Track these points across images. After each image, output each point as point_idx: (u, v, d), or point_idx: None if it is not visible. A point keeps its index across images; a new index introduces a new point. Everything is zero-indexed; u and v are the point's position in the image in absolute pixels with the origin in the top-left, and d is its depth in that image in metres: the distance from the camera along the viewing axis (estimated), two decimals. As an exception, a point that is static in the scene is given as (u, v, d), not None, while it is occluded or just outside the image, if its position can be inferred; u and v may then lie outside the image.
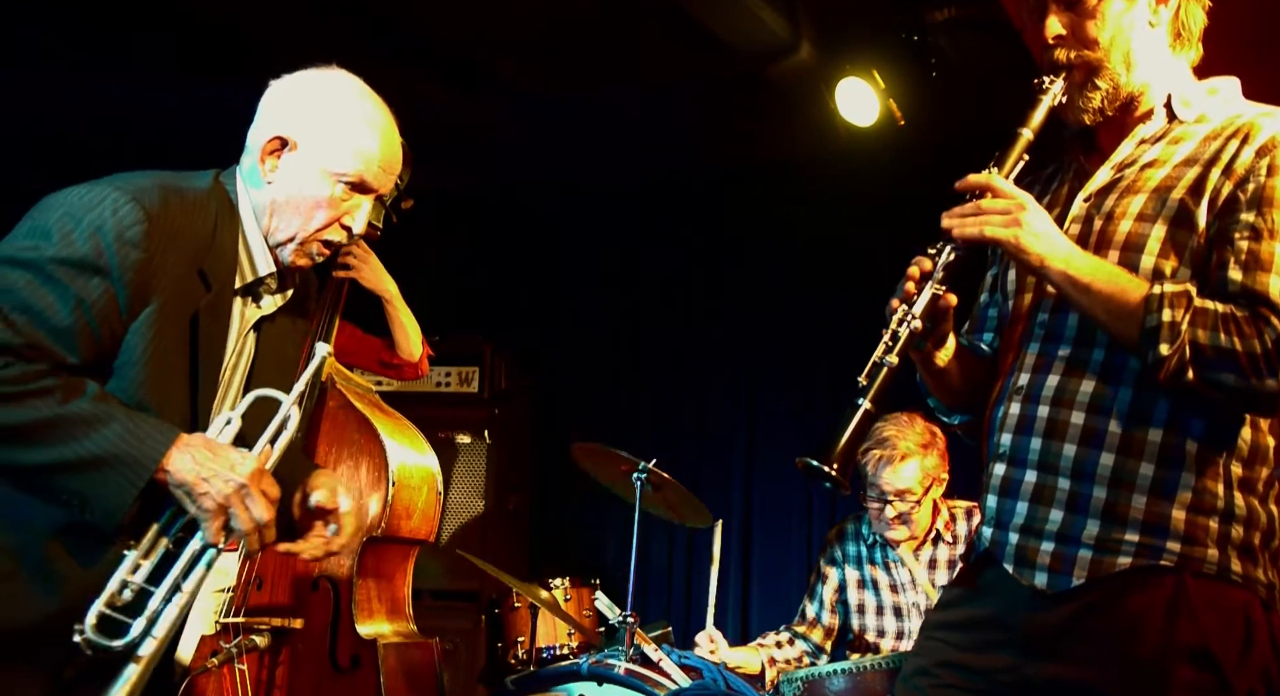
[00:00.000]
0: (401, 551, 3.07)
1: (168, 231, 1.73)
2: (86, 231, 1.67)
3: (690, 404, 4.91)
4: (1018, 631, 1.71)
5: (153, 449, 1.65)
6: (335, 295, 3.08)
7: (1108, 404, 1.69)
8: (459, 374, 4.61)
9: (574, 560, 4.75)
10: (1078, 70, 1.77)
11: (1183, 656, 1.58)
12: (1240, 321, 1.59)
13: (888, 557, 3.17)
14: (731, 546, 4.69)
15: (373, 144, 1.88)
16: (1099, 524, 1.66)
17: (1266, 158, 1.66)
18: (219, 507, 1.68)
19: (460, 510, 4.55)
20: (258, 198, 1.87)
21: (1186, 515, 1.64)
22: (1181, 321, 1.60)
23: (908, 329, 1.72)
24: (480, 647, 4.23)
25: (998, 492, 1.77)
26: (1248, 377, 1.58)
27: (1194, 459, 1.65)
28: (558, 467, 4.28)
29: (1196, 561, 1.63)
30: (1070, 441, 1.70)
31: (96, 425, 1.63)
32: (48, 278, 1.65)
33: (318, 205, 1.86)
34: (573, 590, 3.27)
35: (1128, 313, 1.63)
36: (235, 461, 1.70)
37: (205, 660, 2.82)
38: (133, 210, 1.69)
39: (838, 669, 2.32)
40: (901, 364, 1.72)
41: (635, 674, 2.49)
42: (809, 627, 3.23)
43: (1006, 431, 1.78)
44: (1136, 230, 1.71)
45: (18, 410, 1.61)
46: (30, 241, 1.67)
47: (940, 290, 1.74)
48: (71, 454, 1.62)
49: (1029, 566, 1.70)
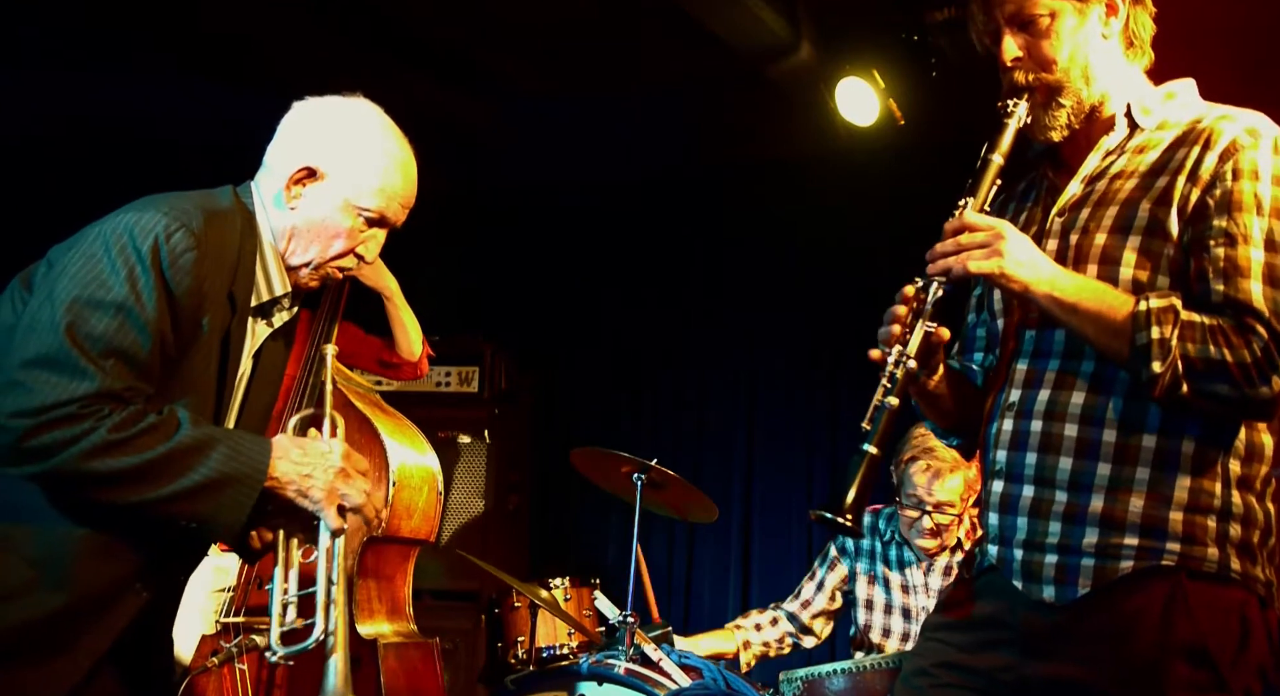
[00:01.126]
0: (402, 551, 3.07)
1: (212, 256, 1.79)
2: (148, 263, 1.71)
3: (690, 403, 4.92)
4: (1017, 631, 1.72)
5: (259, 462, 1.76)
6: (336, 295, 3.07)
7: (1100, 414, 1.70)
8: (459, 374, 4.62)
9: (574, 560, 4.75)
10: (1039, 91, 1.79)
11: (1179, 654, 1.59)
12: (1228, 332, 1.61)
13: (903, 558, 3.15)
14: (731, 544, 4.70)
15: (396, 182, 1.94)
16: (1098, 531, 1.67)
17: (1230, 162, 1.67)
18: (329, 494, 1.82)
19: (460, 510, 4.55)
20: (278, 220, 1.92)
21: (1184, 515, 1.65)
22: (1171, 337, 1.61)
23: (904, 369, 1.74)
24: (480, 647, 4.23)
25: (998, 509, 1.79)
26: (1241, 387, 1.60)
27: (1190, 460, 1.67)
28: (558, 468, 4.27)
29: (1196, 560, 1.63)
30: (1065, 454, 1.71)
31: (205, 451, 1.71)
32: (126, 317, 1.69)
33: (338, 235, 1.92)
34: (573, 590, 3.27)
35: (1116, 329, 1.64)
36: (324, 450, 1.84)
37: (206, 659, 2.82)
38: (184, 237, 1.74)
39: (838, 668, 2.32)
40: (903, 404, 1.75)
41: (635, 673, 2.49)
42: (802, 608, 3.23)
43: (1001, 448, 1.79)
44: (1111, 243, 1.72)
45: (134, 455, 1.66)
46: (95, 280, 1.69)
47: (932, 327, 1.77)
48: (190, 483, 1.70)
49: (1036, 581, 1.71)
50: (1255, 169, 1.66)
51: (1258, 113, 1.73)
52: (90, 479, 1.65)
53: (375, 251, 1.98)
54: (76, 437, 1.62)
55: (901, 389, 1.74)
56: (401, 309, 3.21)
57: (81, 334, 1.65)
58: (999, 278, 1.70)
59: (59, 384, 1.62)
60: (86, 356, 1.64)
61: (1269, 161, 1.67)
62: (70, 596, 1.71)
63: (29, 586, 1.69)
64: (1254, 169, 1.66)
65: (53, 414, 1.61)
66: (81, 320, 1.66)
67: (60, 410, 1.61)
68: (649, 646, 2.60)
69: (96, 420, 1.63)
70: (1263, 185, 1.65)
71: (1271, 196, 1.65)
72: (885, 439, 1.72)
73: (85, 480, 1.65)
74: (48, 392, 1.61)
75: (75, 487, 1.68)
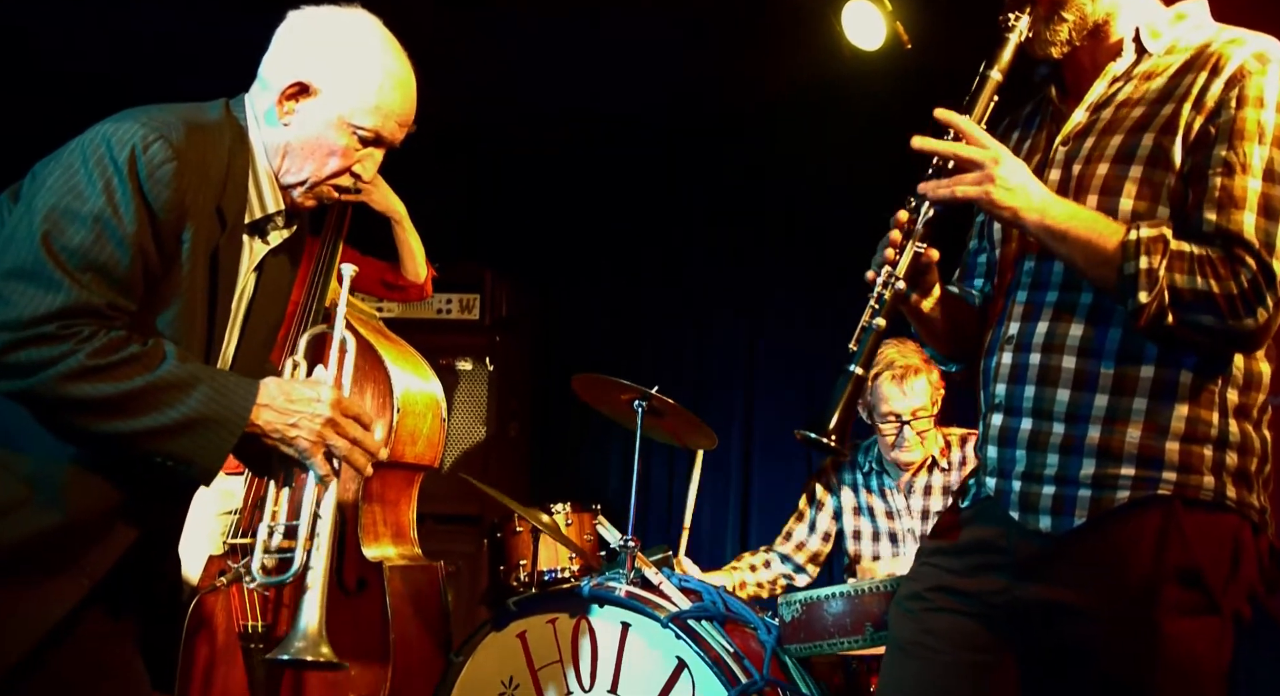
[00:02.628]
0: (406, 476, 3.10)
1: (194, 168, 1.73)
2: (125, 174, 1.65)
3: (691, 332, 4.92)
4: (1011, 555, 1.74)
5: (241, 407, 1.71)
6: (339, 218, 3.06)
7: (1098, 346, 1.70)
8: (460, 301, 4.61)
9: (575, 486, 4.80)
10: (1041, 3, 1.75)
11: (1172, 577, 1.62)
12: (1216, 262, 1.60)
13: (884, 485, 3.20)
14: (731, 474, 4.74)
15: (393, 100, 1.87)
16: (1094, 462, 1.68)
17: (1236, 88, 1.64)
18: (315, 444, 1.78)
19: (462, 436, 4.58)
20: (270, 137, 1.86)
21: (1181, 445, 1.66)
22: (1159, 267, 1.60)
23: (892, 290, 1.74)
24: (483, 570, 4.30)
25: (997, 443, 1.80)
26: (1226, 318, 1.59)
27: (1187, 390, 1.67)
28: (559, 394, 4.30)
29: (1192, 489, 1.65)
30: (1063, 386, 1.72)
31: (186, 389, 1.67)
32: (103, 228, 1.63)
33: (332, 153, 1.86)
34: (574, 515, 3.31)
35: (1105, 259, 1.63)
36: (313, 397, 1.78)
37: (213, 579, 2.87)
38: (162, 148, 1.68)
39: (836, 592, 2.36)
40: (890, 324, 1.75)
41: (636, 596, 2.53)
42: (795, 549, 3.28)
43: (1000, 381, 1.80)
44: (1113, 173, 1.70)
45: (113, 383, 1.62)
46: (72, 192, 1.64)
47: (921, 248, 1.76)
48: (167, 419, 1.66)
49: (1034, 512, 1.72)
50: (1261, 96, 1.63)
51: (1268, 37, 1.70)
52: (66, 403, 1.62)
53: (373, 171, 1.92)
54: (54, 359, 1.59)
55: (890, 310, 1.74)
56: (409, 232, 3.20)
57: (58, 246, 1.60)
58: (987, 203, 1.69)
59: (35, 296, 1.58)
60: (62, 268, 1.60)
61: (1276, 89, 1.64)
62: (66, 515, 1.70)
63: (22, 503, 1.68)
64: (1259, 96, 1.63)
65: (30, 330, 1.58)
66: (57, 231, 1.61)
67: (39, 327, 1.58)
68: (649, 569, 2.64)
69: (77, 343, 1.60)
70: (1267, 113, 1.63)
71: (1275, 125, 1.62)
72: (871, 360, 1.74)
73: (61, 403, 1.63)
74: (24, 306, 1.58)
75: (51, 410, 1.65)
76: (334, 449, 1.80)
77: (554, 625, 2.62)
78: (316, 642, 1.81)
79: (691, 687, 2.39)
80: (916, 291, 1.86)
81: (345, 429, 1.81)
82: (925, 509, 3.14)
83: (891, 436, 3.09)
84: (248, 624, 2.88)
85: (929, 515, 3.13)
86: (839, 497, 3.27)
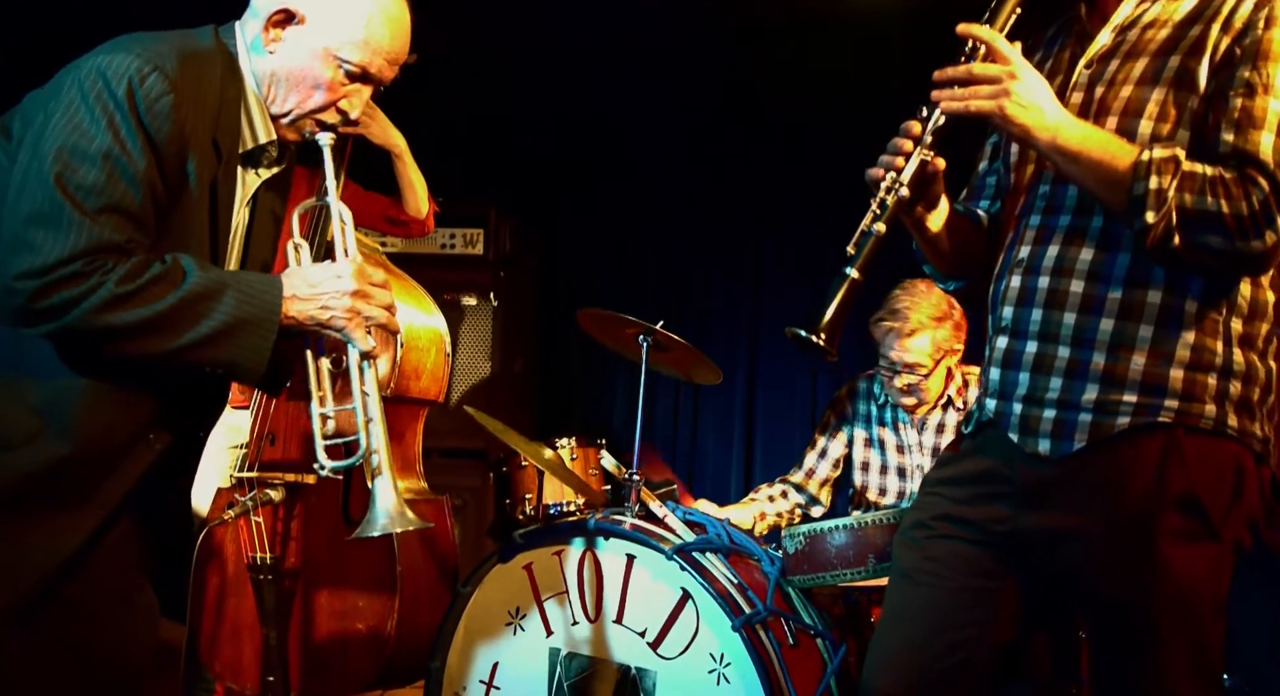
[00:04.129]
0: (411, 411, 3.12)
1: (190, 99, 1.71)
2: (126, 109, 1.64)
3: (697, 265, 4.90)
4: (1013, 484, 1.75)
5: (272, 303, 1.74)
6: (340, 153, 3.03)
7: (1106, 270, 1.69)
8: (464, 236, 4.59)
9: (580, 420, 4.83)
10: None
11: (1171, 504, 1.63)
12: (1228, 183, 1.57)
13: (897, 419, 3.20)
14: (735, 408, 4.75)
15: (382, 34, 1.83)
16: (1098, 387, 1.68)
17: (1265, 9, 1.62)
18: (351, 318, 1.79)
19: (467, 372, 4.59)
20: (259, 65, 1.83)
21: (1185, 373, 1.66)
22: (1168, 188, 1.58)
23: (895, 196, 1.72)
24: (489, 504, 4.34)
25: (1000, 365, 1.80)
26: (1233, 240, 1.57)
27: (1193, 318, 1.66)
28: (563, 329, 4.30)
29: (1194, 416, 1.65)
30: (1070, 310, 1.71)
31: (216, 297, 1.69)
32: (114, 166, 1.63)
33: (316, 86, 1.82)
34: (579, 449, 3.32)
35: (1116, 179, 1.61)
36: (334, 274, 1.80)
37: (222, 512, 2.90)
38: (158, 80, 1.67)
39: (839, 524, 2.38)
40: (891, 232, 1.72)
41: (640, 529, 2.55)
42: (806, 477, 3.29)
43: (1008, 304, 1.79)
44: (1136, 95, 1.68)
45: (145, 306, 1.64)
46: (76, 130, 1.63)
47: (928, 155, 1.73)
48: (206, 330, 1.68)
49: (1033, 435, 1.73)
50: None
51: None
52: (105, 334, 1.64)
53: (359, 108, 1.89)
54: (85, 294, 1.60)
55: (891, 216, 1.72)
56: (410, 167, 3.17)
57: (72, 186, 1.61)
58: (1000, 118, 1.66)
59: (58, 239, 1.59)
60: (80, 209, 1.61)
61: None
62: (76, 445, 1.71)
63: (33, 435, 1.69)
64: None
65: (58, 272, 1.59)
66: (69, 172, 1.61)
67: (65, 268, 1.59)
68: (654, 502, 2.66)
69: (102, 275, 1.61)
70: None
71: None
72: (868, 265, 1.71)
73: (101, 335, 1.64)
74: (50, 250, 1.59)
75: (93, 343, 1.67)
76: (370, 317, 1.82)
77: (560, 557, 2.65)
78: (402, 514, 1.86)
79: (696, 617, 2.43)
80: (921, 203, 1.84)
81: (374, 296, 1.83)
82: (936, 446, 3.14)
83: (886, 377, 3.11)
84: (256, 555, 2.92)
85: (940, 453, 3.13)
86: (852, 427, 3.27)
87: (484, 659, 2.70)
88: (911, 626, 1.80)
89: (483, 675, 2.69)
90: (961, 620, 1.77)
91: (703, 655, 2.40)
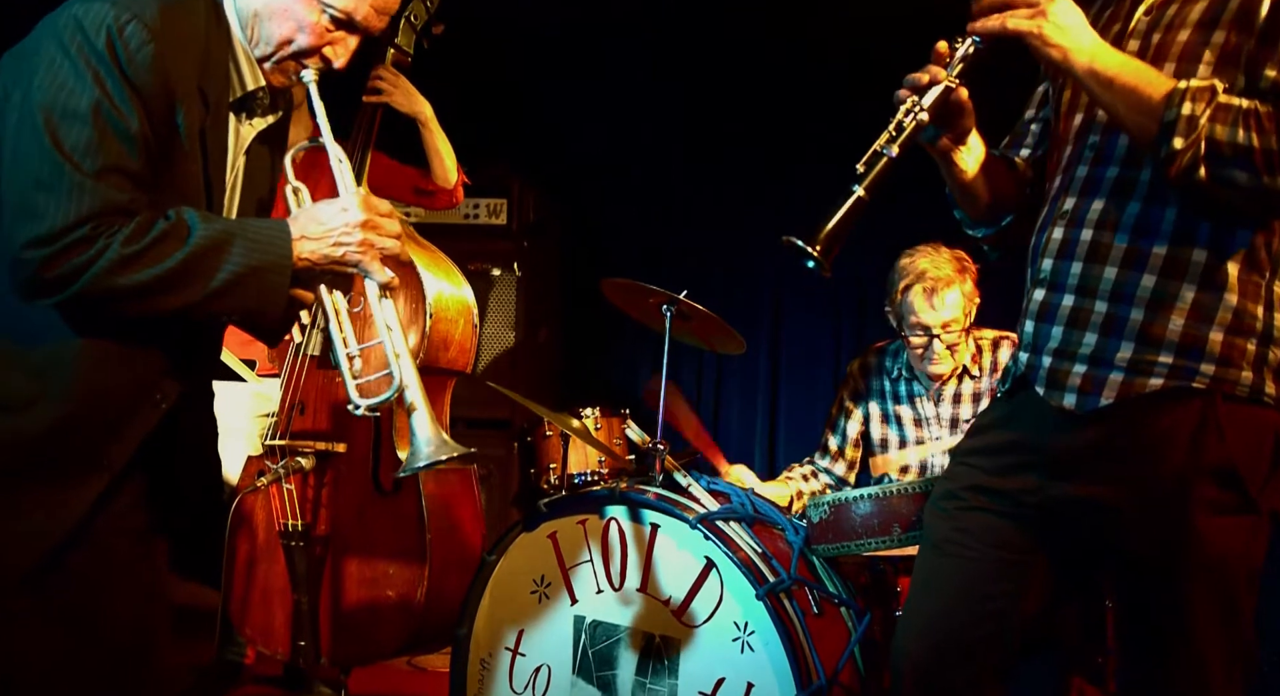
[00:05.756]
0: (439, 381, 3.14)
1: (173, 48, 1.67)
2: (108, 62, 1.60)
3: (721, 236, 4.89)
4: (1045, 453, 1.73)
5: (282, 247, 1.72)
6: (369, 123, 3.03)
7: (1152, 225, 1.66)
8: (488, 206, 4.60)
9: (604, 390, 4.84)
10: None
11: (1206, 474, 1.61)
12: (1263, 117, 1.54)
13: (913, 392, 3.18)
14: (759, 380, 4.76)
15: None
16: (1133, 346, 1.65)
17: None
18: (365, 250, 1.77)
19: (492, 342, 4.62)
20: (242, 5, 1.78)
21: (1225, 336, 1.62)
22: (1201, 115, 1.54)
23: (914, 120, 1.69)
24: (514, 473, 4.37)
25: (1035, 318, 1.77)
26: (1260, 175, 1.53)
27: (1236, 280, 1.63)
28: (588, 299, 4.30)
29: (1230, 383, 1.62)
30: (1111, 264, 1.68)
31: (224, 249, 1.67)
32: (106, 124, 1.60)
33: (299, 28, 1.78)
34: (603, 419, 3.34)
35: (1149, 107, 1.58)
36: (340, 208, 1.77)
37: (253, 479, 2.94)
38: (138, 29, 1.62)
39: (864, 493, 2.38)
40: (904, 156, 1.68)
41: (665, 498, 2.56)
42: (832, 460, 3.28)
43: (1048, 256, 1.76)
44: (1194, 39, 1.64)
45: (155, 265, 1.62)
46: (62, 89, 1.60)
47: (954, 83, 1.70)
48: (218, 283, 1.66)
49: (1059, 388, 1.71)
50: None
51: None
52: (118, 295, 1.62)
53: (345, 58, 1.84)
54: (93, 259, 1.58)
55: (908, 139, 1.69)
56: (437, 135, 3.16)
57: (68, 147, 1.58)
58: (1036, 38, 1.64)
59: (62, 205, 1.56)
60: (80, 171, 1.58)
61: None
62: (77, 407, 1.69)
63: (33, 399, 1.67)
64: None
65: (66, 239, 1.57)
66: (64, 133, 1.58)
67: (72, 233, 1.57)
68: (678, 472, 2.68)
69: (108, 237, 1.59)
70: None
71: None
72: (876, 185, 1.69)
73: (114, 298, 1.62)
74: (54, 216, 1.56)
75: (108, 306, 1.64)
76: (384, 248, 1.79)
77: (584, 526, 2.67)
78: (443, 443, 1.83)
79: (720, 586, 2.44)
80: (949, 135, 1.81)
81: (383, 226, 1.80)
82: (954, 417, 3.12)
83: (920, 348, 3.04)
84: (287, 522, 2.96)
85: (958, 423, 3.11)
86: (866, 405, 3.25)
87: (510, 626, 2.73)
88: (941, 596, 1.81)
89: (508, 642, 2.72)
90: (991, 591, 1.78)
91: (727, 623, 2.42)
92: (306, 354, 3.06)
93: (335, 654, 2.98)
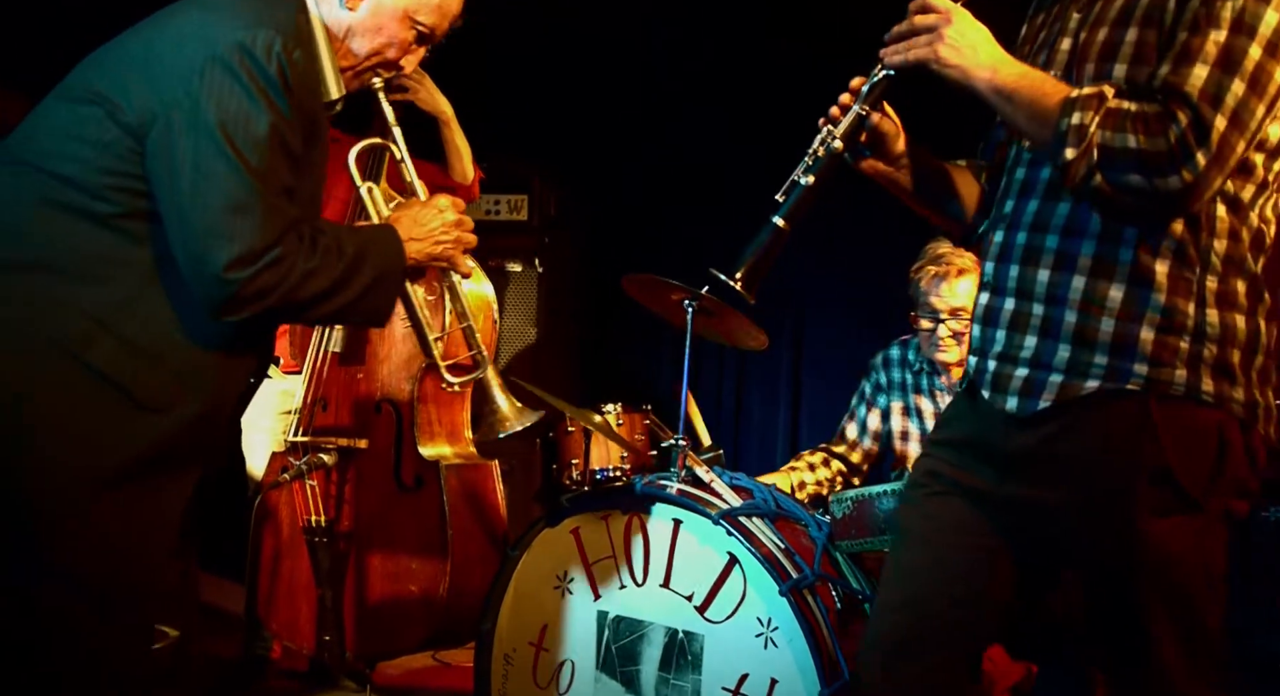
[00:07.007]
0: (459, 377, 3.14)
1: (313, 67, 1.80)
2: (279, 88, 1.68)
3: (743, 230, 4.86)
4: (996, 454, 1.73)
5: (397, 254, 1.89)
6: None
7: (1080, 226, 1.65)
8: (508, 202, 4.60)
9: (626, 387, 4.84)
10: None
11: (1145, 477, 1.59)
12: (1149, 118, 1.52)
13: (934, 386, 3.17)
14: (781, 374, 4.74)
15: None
16: (1070, 348, 1.65)
17: None
18: (456, 247, 1.99)
19: (513, 338, 4.62)
20: (334, 20, 1.88)
21: (1156, 335, 1.61)
22: (1090, 123, 1.54)
23: (827, 150, 1.74)
24: (536, 468, 4.37)
25: (981, 321, 1.78)
26: (1151, 177, 1.52)
27: (1166, 278, 1.61)
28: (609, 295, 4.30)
29: (1164, 383, 1.60)
30: (1044, 267, 1.68)
31: (363, 259, 1.82)
32: (280, 147, 1.70)
33: (390, 44, 1.91)
34: (625, 415, 3.34)
35: (1046, 118, 1.59)
36: (437, 209, 1.97)
37: (277, 475, 2.96)
38: (300, 56, 1.72)
39: (887, 489, 2.37)
40: (822, 185, 1.77)
41: (687, 494, 2.56)
42: (849, 448, 3.28)
43: (990, 260, 1.77)
44: (1110, 37, 1.63)
45: (325, 277, 1.75)
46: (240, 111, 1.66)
47: (865, 111, 1.75)
48: (360, 288, 1.81)
49: (1002, 392, 1.71)
50: None
51: None
52: (297, 307, 1.75)
53: (414, 65, 1.99)
54: (284, 276, 1.68)
55: (825, 169, 1.76)
56: (456, 133, 3.18)
57: (255, 171, 1.66)
58: (934, 63, 1.66)
59: (259, 228, 1.65)
60: (271, 194, 1.67)
61: None
62: (205, 406, 1.79)
63: (173, 401, 1.75)
64: None
65: (264, 259, 1.66)
66: (250, 158, 1.65)
67: (269, 254, 1.66)
68: (700, 468, 2.67)
69: (293, 255, 1.69)
70: None
71: None
72: (795, 215, 1.78)
73: (293, 309, 1.76)
74: (251, 239, 1.65)
75: (276, 317, 1.78)
76: (468, 243, 1.99)
77: (606, 522, 2.67)
78: (520, 411, 2.08)
79: (743, 582, 2.44)
80: (877, 158, 1.87)
81: (467, 222, 1.99)
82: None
83: (927, 332, 3.05)
84: (311, 518, 2.98)
85: None
86: (887, 397, 3.25)
87: (533, 621, 2.74)
88: (911, 583, 1.80)
89: (532, 637, 2.73)
90: (958, 577, 1.76)
91: (750, 619, 2.42)
92: (328, 351, 3.07)
93: (359, 648, 2.99)
